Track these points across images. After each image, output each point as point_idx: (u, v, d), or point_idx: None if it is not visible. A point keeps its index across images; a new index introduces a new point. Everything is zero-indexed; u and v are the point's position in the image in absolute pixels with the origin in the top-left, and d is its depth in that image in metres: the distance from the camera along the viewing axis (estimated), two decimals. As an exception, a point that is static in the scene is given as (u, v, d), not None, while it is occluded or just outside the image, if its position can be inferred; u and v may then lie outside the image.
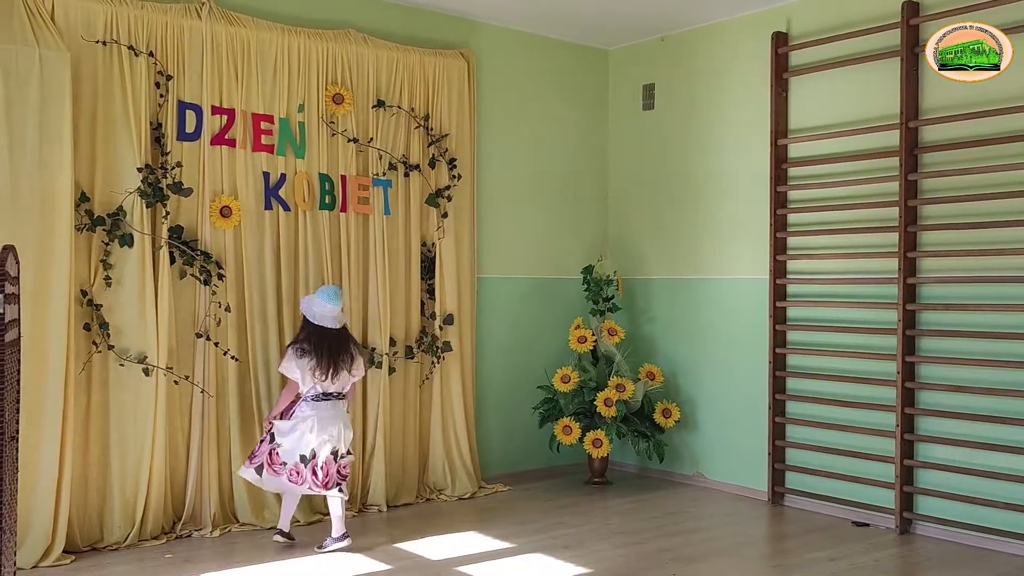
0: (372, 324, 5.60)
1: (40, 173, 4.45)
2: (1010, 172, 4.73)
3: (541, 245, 6.62)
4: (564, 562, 4.56)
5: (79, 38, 4.62)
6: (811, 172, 5.66)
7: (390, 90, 5.69)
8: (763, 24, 5.85)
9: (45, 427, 4.43)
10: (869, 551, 4.78)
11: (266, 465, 4.68)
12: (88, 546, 4.64)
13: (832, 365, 5.53)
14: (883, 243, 5.27)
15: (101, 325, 4.70)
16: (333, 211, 5.47)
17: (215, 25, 5.02)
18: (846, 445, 5.42)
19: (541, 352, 6.50)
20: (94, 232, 4.69)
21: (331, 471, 4.67)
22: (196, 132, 5.00)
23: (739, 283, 6.05)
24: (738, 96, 6.05)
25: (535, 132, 6.58)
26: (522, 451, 6.47)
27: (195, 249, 4.97)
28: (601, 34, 6.61)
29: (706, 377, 6.25)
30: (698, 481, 6.29)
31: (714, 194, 6.21)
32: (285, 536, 4.77)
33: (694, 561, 4.62)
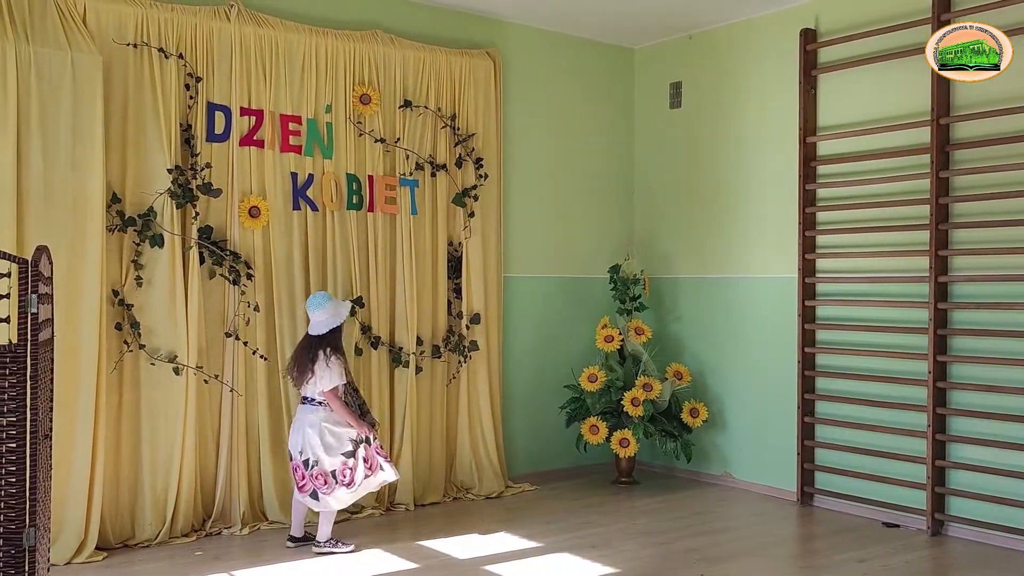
0: (399, 323, 5.62)
1: (72, 175, 4.51)
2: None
3: (568, 244, 6.61)
4: (591, 562, 4.55)
5: (110, 41, 4.68)
6: (840, 170, 5.61)
7: (417, 90, 5.71)
8: (791, 21, 5.80)
9: (78, 425, 4.49)
10: (899, 552, 4.73)
11: None
12: (120, 543, 4.71)
13: (862, 364, 5.48)
14: (914, 241, 5.22)
15: (132, 325, 4.75)
16: (360, 211, 5.49)
17: (243, 27, 5.06)
18: (876, 445, 5.37)
19: (568, 351, 6.50)
20: (125, 233, 4.75)
21: (302, 475, 4.59)
22: (225, 133, 5.04)
23: (767, 282, 6.01)
24: (766, 94, 6.01)
25: (561, 131, 6.57)
26: (549, 450, 6.47)
27: (224, 249, 5.02)
28: (627, 33, 6.59)
29: (734, 376, 6.22)
30: (726, 481, 6.25)
31: (742, 192, 6.17)
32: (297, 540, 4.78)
33: (722, 561, 4.60)
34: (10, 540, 3.00)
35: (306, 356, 4.64)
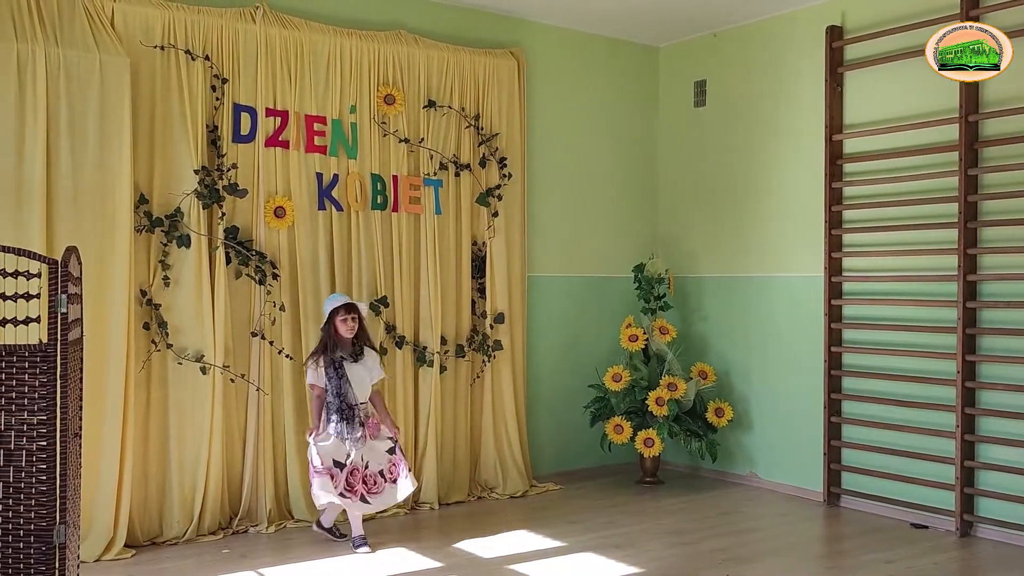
0: (423, 323, 5.63)
1: (101, 176, 4.56)
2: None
3: (592, 243, 6.60)
4: (616, 561, 4.54)
5: (138, 43, 4.72)
6: (867, 168, 5.56)
7: (441, 90, 5.72)
8: (817, 18, 5.76)
9: (107, 424, 4.54)
10: (928, 554, 4.69)
11: None
12: (148, 540, 4.75)
13: (890, 364, 5.43)
14: (942, 239, 5.16)
15: (160, 324, 4.80)
16: (385, 211, 5.51)
17: (269, 28, 5.10)
18: (904, 445, 5.32)
19: (592, 351, 6.49)
20: (153, 233, 4.79)
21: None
22: (251, 134, 5.08)
23: (793, 281, 5.97)
24: (792, 91, 5.97)
25: (585, 130, 6.56)
26: (573, 450, 6.46)
27: (250, 249, 5.05)
28: (652, 31, 6.57)
29: (759, 376, 6.18)
30: (752, 481, 6.22)
31: (767, 191, 6.13)
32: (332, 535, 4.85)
33: (747, 562, 4.57)
34: (41, 537, 3.04)
35: None
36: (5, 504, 3.04)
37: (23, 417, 3.04)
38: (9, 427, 3.04)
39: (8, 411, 3.05)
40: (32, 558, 3.04)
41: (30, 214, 4.36)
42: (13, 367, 3.04)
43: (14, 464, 3.04)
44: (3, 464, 3.04)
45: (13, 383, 3.04)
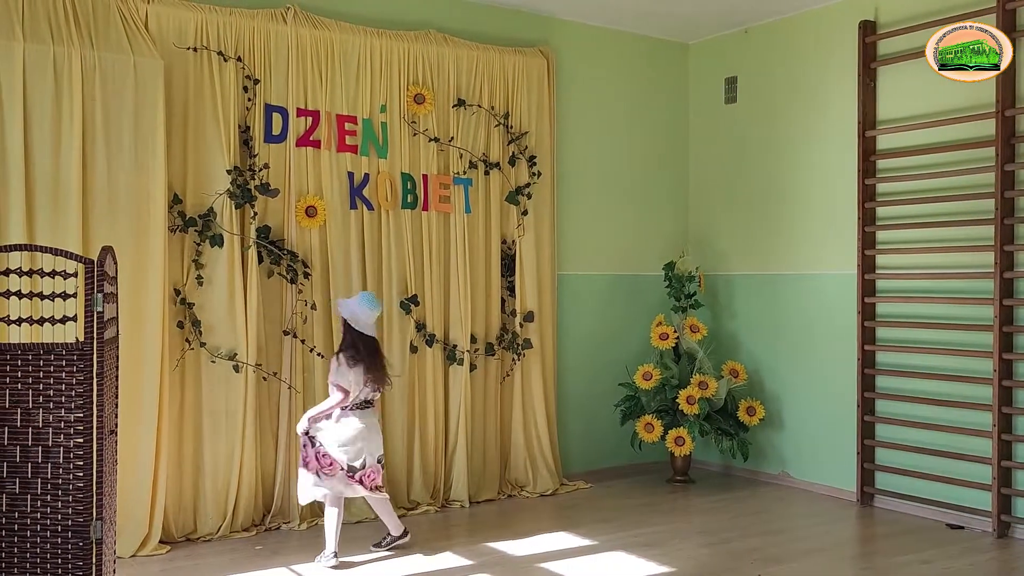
0: (453, 321, 5.65)
1: (136, 176, 4.62)
2: (1116, 161, 4.52)
3: (622, 241, 6.58)
4: (646, 560, 4.53)
5: (171, 45, 4.77)
6: (901, 164, 5.49)
7: (470, 89, 5.73)
8: (849, 13, 5.70)
9: (142, 422, 4.60)
10: (964, 555, 4.63)
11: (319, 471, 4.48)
12: (183, 537, 4.81)
13: (924, 362, 5.36)
14: (978, 236, 5.09)
15: (193, 323, 4.85)
16: (415, 210, 5.53)
17: (300, 29, 5.13)
18: (939, 445, 5.26)
19: (622, 349, 6.47)
20: (186, 233, 4.85)
21: (377, 477, 4.56)
22: (282, 134, 5.11)
23: (825, 279, 5.91)
24: (824, 87, 5.91)
25: (615, 128, 6.54)
26: (603, 448, 6.45)
27: (282, 249, 5.09)
28: (682, 27, 6.53)
29: (791, 374, 6.13)
30: (784, 480, 6.17)
31: (799, 188, 6.08)
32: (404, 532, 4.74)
33: (780, 562, 4.54)
34: (78, 532, 3.09)
35: (382, 359, 4.66)
36: (43, 500, 3.09)
37: (60, 414, 3.09)
38: (47, 424, 3.09)
39: (46, 408, 3.10)
40: (69, 553, 3.09)
41: (67, 215, 4.43)
42: (51, 365, 3.09)
43: (52, 461, 3.09)
44: (41, 461, 3.10)
45: (51, 381, 3.09)
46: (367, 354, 4.53)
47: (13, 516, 3.10)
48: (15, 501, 3.10)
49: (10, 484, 3.10)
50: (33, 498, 3.10)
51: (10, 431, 3.10)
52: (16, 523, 3.10)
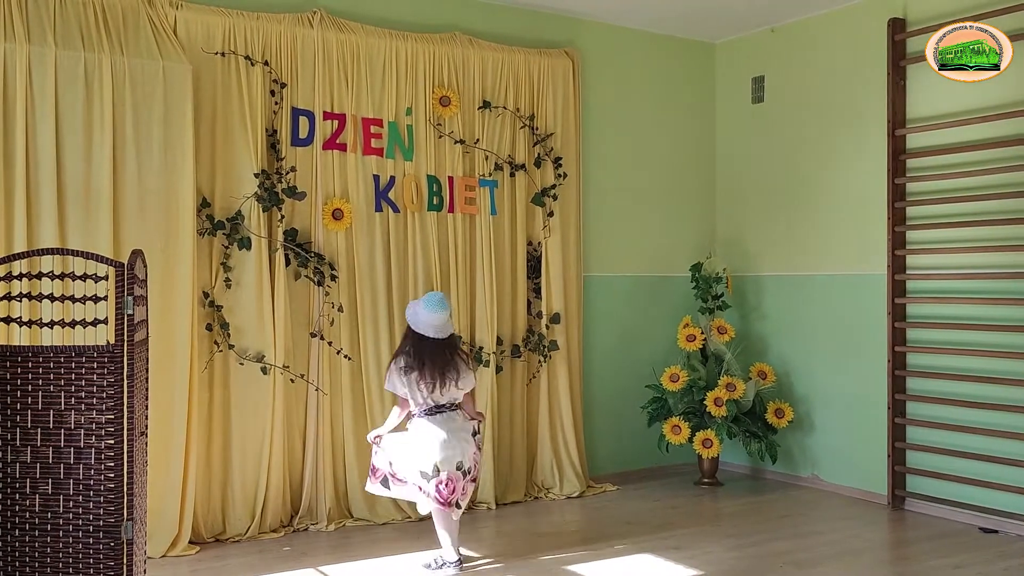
0: (479, 323, 5.65)
1: (165, 180, 4.67)
2: None
3: (648, 242, 6.55)
4: (674, 563, 4.51)
5: (199, 50, 4.82)
6: (932, 163, 5.43)
7: (495, 91, 5.73)
8: (878, 11, 5.64)
9: (172, 423, 4.64)
10: (998, 559, 4.56)
11: (390, 477, 4.41)
12: (212, 537, 4.85)
13: (957, 364, 5.29)
14: (1013, 235, 5.02)
15: (222, 325, 4.89)
16: (441, 212, 5.54)
17: (326, 33, 5.16)
18: (973, 448, 5.18)
19: (649, 351, 6.44)
20: (215, 236, 4.88)
21: (456, 487, 4.30)
22: (309, 137, 5.14)
23: (854, 279, 5.86)
24: (853, 86, 5.86)
25: (641, 128, 6.52)
26: (630, 450, 6.42)
27: (309, 251, 5.12)
28: (708, 27, 6.50)
29: (821, 376, 6.07)
30: (813, 483, 6.11)
31: (827, 187, 6.02)
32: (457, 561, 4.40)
33: (809, 565, 4.49)
34: (109, 533, 3.12)
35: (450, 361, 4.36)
36: (75, 501, 3.13)
37: (92, 416, 3.12)
38: (79, 426, 3.13)
39: (78, 410, 3.13)
40: (101, 553, 3.12)
41: (97, 218, 4.48)
42: (83, 367, 3.13)
43: (83, 462, 3.13)
44: (73, 462, 3.13)
45: (83, 383, 3.13)
46: (427, 357, 4.31)
47: (46, 516, 3.14)
48: (48, 502, 3.14)
49: (43, 485, 3.14)
50: (65, 499, 3.13)
51: (43, 432, 3.14)
52: (49, 523, 3.14)
